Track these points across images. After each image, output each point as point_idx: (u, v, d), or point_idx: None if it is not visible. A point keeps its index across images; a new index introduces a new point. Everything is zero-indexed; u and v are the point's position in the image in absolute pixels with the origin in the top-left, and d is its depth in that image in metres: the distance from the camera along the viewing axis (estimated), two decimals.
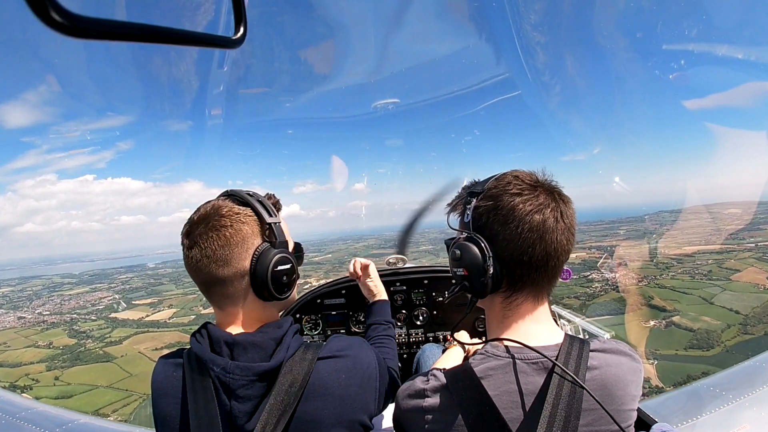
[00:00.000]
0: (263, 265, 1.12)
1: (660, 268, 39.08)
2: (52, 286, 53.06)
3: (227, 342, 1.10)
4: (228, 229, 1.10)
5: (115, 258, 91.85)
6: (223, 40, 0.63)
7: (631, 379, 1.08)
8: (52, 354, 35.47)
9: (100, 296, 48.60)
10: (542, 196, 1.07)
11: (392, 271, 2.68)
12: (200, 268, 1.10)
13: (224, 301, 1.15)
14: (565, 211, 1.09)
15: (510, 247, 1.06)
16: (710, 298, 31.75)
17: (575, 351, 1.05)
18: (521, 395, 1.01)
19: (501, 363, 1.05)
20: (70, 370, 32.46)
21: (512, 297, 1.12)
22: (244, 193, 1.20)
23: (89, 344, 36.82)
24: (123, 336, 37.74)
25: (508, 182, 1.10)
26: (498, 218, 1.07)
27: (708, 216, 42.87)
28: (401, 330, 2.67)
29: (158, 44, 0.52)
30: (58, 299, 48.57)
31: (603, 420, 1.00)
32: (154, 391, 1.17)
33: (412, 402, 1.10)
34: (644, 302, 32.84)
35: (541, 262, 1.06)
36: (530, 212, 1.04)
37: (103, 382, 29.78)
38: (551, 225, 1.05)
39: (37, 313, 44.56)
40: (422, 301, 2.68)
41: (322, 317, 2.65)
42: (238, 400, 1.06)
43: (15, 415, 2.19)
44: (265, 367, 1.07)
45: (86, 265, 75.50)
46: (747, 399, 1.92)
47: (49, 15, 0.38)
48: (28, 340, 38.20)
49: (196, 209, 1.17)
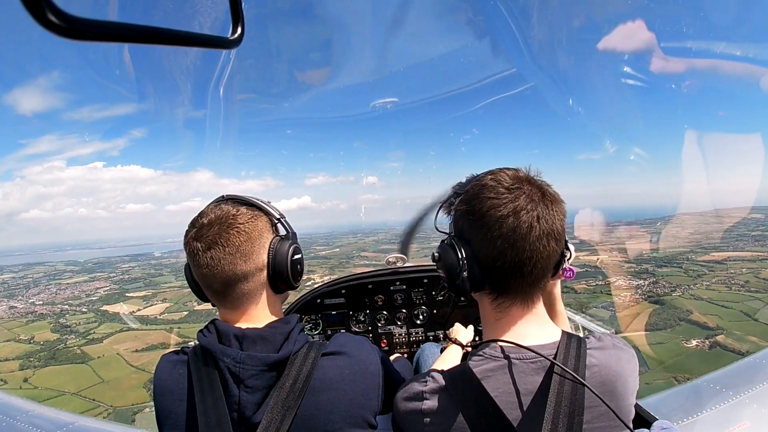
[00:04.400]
0: (282, 257, 1.18)
1: (691, 275, 36.37)
2: (54, 273, 52.19)
3: (236, 335, 1.12)
4: (246, 225, 1.15)
5: (124, 246, 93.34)
6: (220, 40, 0.63)
7: (630, 373, 1.08)
8: (29, 350, 34.04)
9: (96, 286, 47.28)
10: (520, 198, 1.03)
11: (392, 270, 2.68)
12: (223, 266, 1.11)
13: (241, 299, 1.17)
14: (546, 214, 1.04)
15: (483, 252, 1.05)
16: (753, 314, 29.02)
17: (573, 349, 1.04)
18: (522, 395, 1.01)
19: (500, 364, 1.05)
20: (42, 371, 30.94)
21: (499, 300, 1.11)
22: (242, 196, 1.23)
23: (70, 340, 35.31)
24: (106, 333, 36.23)
25: (483, 185, 1.08)
26: (472, 223, 1.07)
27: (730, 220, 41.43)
28: (401, 329, 2.71)
29: (155, 45, 0.51)
30: (54, 288, 47.33)
31: (604, 416, 1.01)
32: (157, 390, 1.16)
33: (411, 405, 1.10)
34: (682, 316, 29.84)
35: (514, 268, 1.03)
36: (500, 218, 1.02)
37: (72, 388, 28.16)
38: (523, 232, 1.01)
39: (29, 303, 43.21)
40: (422, 300, 2.70)
41: (322, 317, 2.65)
42: (247, 390, 1.07)
43: (15, 418, 2.20)
44: (275, 357, 1.09)
45: (94, 252, 76.12)
46: (747, 396, 1.92)
47: (45, 16, 0.37)
48: (11, 333, 36.71)
49: (201, 214, 1.18)
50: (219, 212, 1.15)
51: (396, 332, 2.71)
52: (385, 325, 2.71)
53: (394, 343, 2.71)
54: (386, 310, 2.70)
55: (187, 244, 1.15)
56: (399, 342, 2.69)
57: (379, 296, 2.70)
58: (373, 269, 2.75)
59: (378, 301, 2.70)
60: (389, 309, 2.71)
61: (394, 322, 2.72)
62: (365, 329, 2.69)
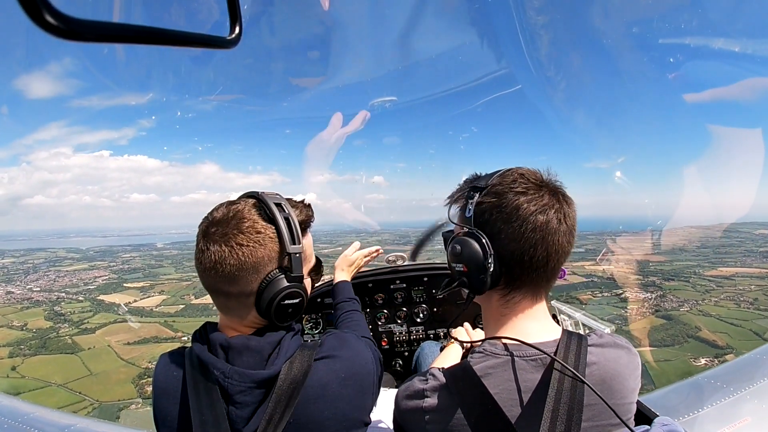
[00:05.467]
0: (270, 293, 1.09)
1: (699, 290, 35.67)
2: (55, 260, 51.88)
3: (222, 345, 1.08)
4: (243, 249, 1.04)
5: (128, 235, 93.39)
6: (218, 40, 0.63)
7: (630, 372, 1.08)
8: (21, 338, 33.78)
9: (95, 275, 47.04)
10: (547, 196, 1.05)
11: (392, 269, 2.68)
12: (207, 276, 1.08)
13: (224, 308, 1.14)
14: (568, 212, 1.07)
15: (512, 246, 1.05)
16: (763, 333, 28.64)
17: (574, 346, 1.04)
18: (523, 392, 1.02)
19: (500, 361, 1.05)
20: (32, 360, 30.67)
21: (510, 295, 1.11)
22: (273, 204, 1.10)
23: (63, 329, 35.00)
24: (100, 323, 35.86)
25: (513, 180, 1.08)
26: (501, 216, 1.06)
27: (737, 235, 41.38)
28: (402, 328, 2.70)
29: (153, 46, 0.51)
30: (53, 275, 47.12)
31: (604, 414, 1.01)
32: (156, 391, 1.15)
33: (412, 403, 1.10)
34: (691, 333, 29.27)
35: (541, 262, 1.05)
36: (534, 212, 1.03)
37: (59, 380, 27.87)
38: (554, 226, 1.03)
39: (27, 289, 43.01)
40: (422, 298, 2.71)
41: (322, 316, 2.64)
42: (236, 405, 1.04)
43: (17, 419, 2.18)
44: (264, 375, 1.05)
45: (97, 240, 76.07)
46: (748, 392, 1.91)
47: (43, 18, 0.37)
48: (4, 319, 36.47)
49: (217, 207, 1.12)
50: (230, 216, 1.07)
51: (396, 331, 2.71)
52: (385, 324, 2.70)
53: (395, 342, 2.70)
54: (386, 308, 2.71)
55: (198, 232, 1.10)
56: (399, 340, 2.70)
57: (379, 295, 2.70)
58: (374, 268, 2.72)
59: (378, 299, 2.70)
60: (389, 307, 2.71)
61: (394, 321, 2.72)
62: None
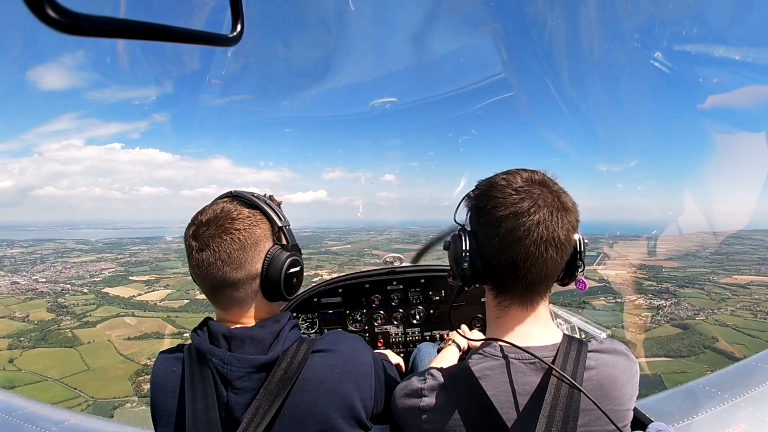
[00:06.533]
0: (276, 267, 1.13)
1: (714, 299, 34.59)
2: (63, 251, 52.07)
3: (225, 335, 1.11)
4: (242, 233, 1.10)
5: (138, 228, 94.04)
6: (220, 38, 0.63)
7: (627, 378, 1.08)
8: (22, 329, 33.58)
9: (102, 267, 46.99)
10: (525, 201, 1.03)
11: (389, 270, 2.69)
12: (212, 271, 1.10)
13: (230, 303, 1.16)
14: (549, 220, 1.02)
15: (484, 248, 1.08)
16: None
17: (573, 351, 1.04)
18: (519, 395, 1.02)
19: (498, 363, 1.05)
20: (30, 353, 30.43)
21: (500, 298, 1.13)
22: (250, 195, 1.19)
23: (64, 322, 34.74)
24: (102, 317, 35.57)
25: (494, 184, 1.09)
26: (478, 219, 1.10)
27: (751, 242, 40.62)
28: (398, 329, 2.71)
29: (155, 42, 0.51)
30: (60, 266, 47.20)
31: (601, 420, 1.01)
32: (153, 387, 1.16)
33: (409, 401, 1.11)
34: (707, 343, 28.18)
35: (509, 269, 1.05)
36: (500, 218, 1.03)
37: (55, 374, 27.49)
38: (520, 234, 1.01)
39: (32, 279, 42.93)
40: (419, 299, 2.70)
41: (319, 316, 2.65)
42: (235, 391, 1.07)
43: (12, 414, 2.19)
44: (263, 359, 1.08)
45: (108, 232, 76.72)
46: (743, 398, 1.91)
47: (45, 12, 0.37)
48: (7, 309, 36.39)
49: (201, 210, 1.16)
50: (219, 211, 1.12)
51: (392, 332, 2.70)
52: (381, 325, 2.70)
53: (391, 343, 2.69)
54: (383, 309, 2.70)
55: (185, 239, 1.13)
56: (395, 341, 2.69)
57: (376, 296, 2.69)
58: (371, 269, 2.74)
59: (375, 300, 2.69)
60: (386, 308, 2.71)
61: (390, 322, 2.71)
62: (362, 328, 2.68)
